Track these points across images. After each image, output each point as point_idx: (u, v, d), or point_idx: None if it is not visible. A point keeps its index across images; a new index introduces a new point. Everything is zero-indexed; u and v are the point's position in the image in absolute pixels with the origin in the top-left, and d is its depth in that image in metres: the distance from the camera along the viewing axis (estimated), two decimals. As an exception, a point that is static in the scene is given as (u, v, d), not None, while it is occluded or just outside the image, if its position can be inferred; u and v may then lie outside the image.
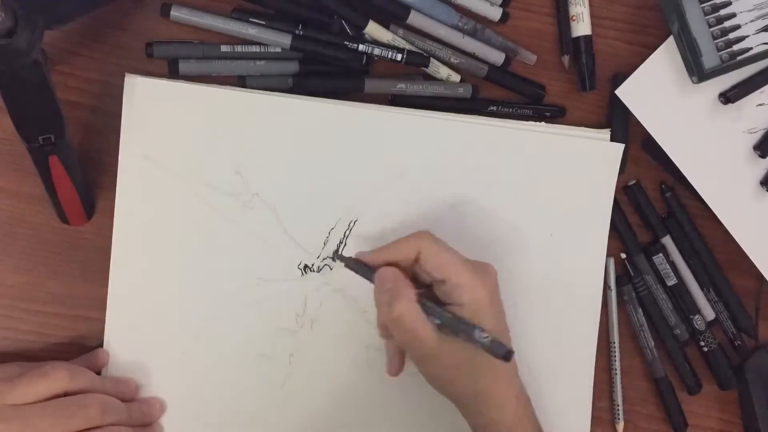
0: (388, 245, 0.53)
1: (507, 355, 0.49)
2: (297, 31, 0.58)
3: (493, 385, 0.52)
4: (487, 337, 0.49)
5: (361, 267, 0.54)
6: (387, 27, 0.59)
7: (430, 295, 0.53)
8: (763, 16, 0.59)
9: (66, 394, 0.52)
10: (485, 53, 0.61)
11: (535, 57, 0.62)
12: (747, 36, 0.59)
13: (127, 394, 0.56)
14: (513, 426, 0.52)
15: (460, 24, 0.60)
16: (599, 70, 0.62)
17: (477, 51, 0.61)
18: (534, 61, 0.62)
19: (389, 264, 0.53)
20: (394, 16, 0.59)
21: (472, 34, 0.61)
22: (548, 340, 0.61)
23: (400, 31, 0.60)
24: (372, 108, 0.59)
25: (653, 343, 0.64)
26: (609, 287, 0.63)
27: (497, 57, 0.61)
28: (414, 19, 0.59)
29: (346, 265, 0.55)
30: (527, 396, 0.55)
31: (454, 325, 0.50)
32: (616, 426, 0.64)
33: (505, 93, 0.62)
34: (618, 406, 0.63)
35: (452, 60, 0.61)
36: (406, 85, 0.60)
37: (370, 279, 0.53)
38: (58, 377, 0.52)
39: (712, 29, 0.59)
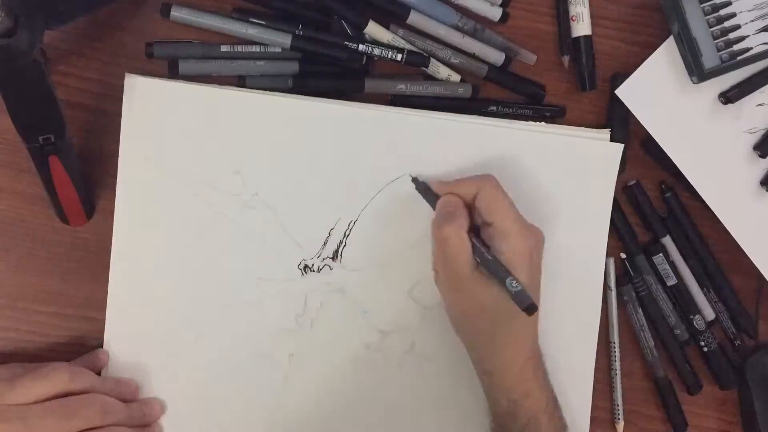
0: (454, 180, 0.57)
1: (530, 307, 0.50)
2: (297, 31, 0.58)
3: (506, 336, 0.54)
4: (517, 285, 0.51)
5: (428, 191, 0.57)
6: (387, 27, 0.59)
7: (478, 236, 0.55)
8: (763, 16, 0.59)
9: (67, 395, 0.52)
10: (485, 53, 0.61)
11: (535, 57, 0.62)
12: (747, 36, 0.59)
13: (128, 395, 0.56)
14: (513, 385, 0.54)
15: (459, 24, 0.60)
16: (599, 70, 0.62)
17: (477, 51, 0.61)
18: (534, 61, 0.62)
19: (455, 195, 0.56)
20: (395, 16, 0.59)
21: (472, 34, 0.61)
22: (548, 339, 0.61)
23: (400, 31, 0.60)
24: (372, 108, 0.59)
25: (653, 343, 0.64)
26: (609, 288, 0.63)
27: (497, 57, 0.61)
28: (414, 19, 0.59)
29: (417, 188, 0.58)
30: (541, 363, 0.56)
31: (490, 265, 0.52)
32: (616, 426, 0.64)
33: (505, 93, 0.62)
34: (618, 406, 0.63)
35: (452, 60, 0.61)
36: (406, 85, 0.60)
37: (432, 205, 0.56)
38: (58, 378, 0.52)
39: (712, 29, 0.59)
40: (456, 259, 0.53)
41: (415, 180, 0.59)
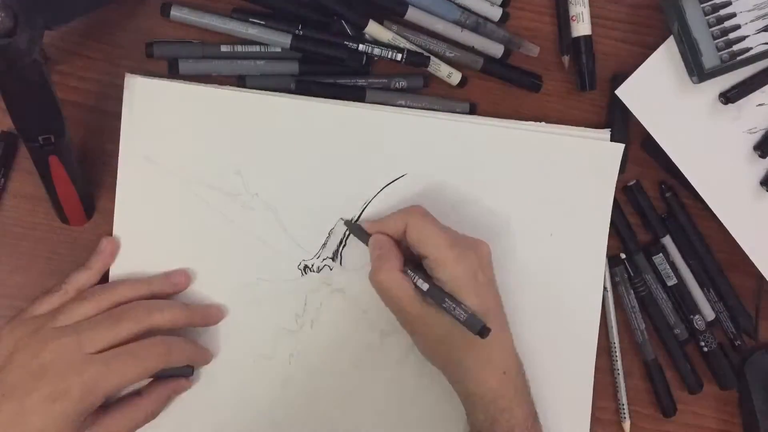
0: (383, 217, 0.56)
1: (482, 331, 0.49)
2: (297, 31, 0.58)
3: (470, 358, 0.53)
4: (464, 312, 0.50)
5: (361, 232, 0.57)
6: (382, 22, 0.59)
7: (421, 266, 0.54)
8: (763, 16, 0.59)
9: None
10: (484, 46, 0.61)
11: (537, 48, 0.61)
12: (747, 36, 0.59)
13: (181, 284, 0.57)
14: (492, 400, 0.53)
15: (461, 19, 0.60)
16: (599, 70, 0.62)
17: (476, 44, 0.61)
18: (536, 53, 0.61)
19: (384, 234, 0.55)
20: (392, 12, 0.59)
21: (474, 28, 0.60)
22: (548, 339, 0.61)
23: (395, 27, 0.60)
24: (372, 108, 0.59)
25: (644, 325, 0.64)
26: (605, 288, 0.63)
27: (496, 50, 0.61)
28: (411, 14, 0.59)
29: (350, 230, 0.58)
30: (521, 374, 0.55)
31: (435, 296, 0.52)
32: (623, 425, 0.64)
33: (501, 85, 0.62)
34: (623, 405, 0.63)
35: (447, 54, 0.60)
36: (405, 101, 0.60)
37: (365, 242, 0.56)
38: (96, 296, 0.53)
39: (712, 29, 0.59)
40: (399, 301, 0.53)
41: (347, 222, 0.59)
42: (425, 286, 0.52)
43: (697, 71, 0.59)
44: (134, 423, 0.54)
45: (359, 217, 0.59)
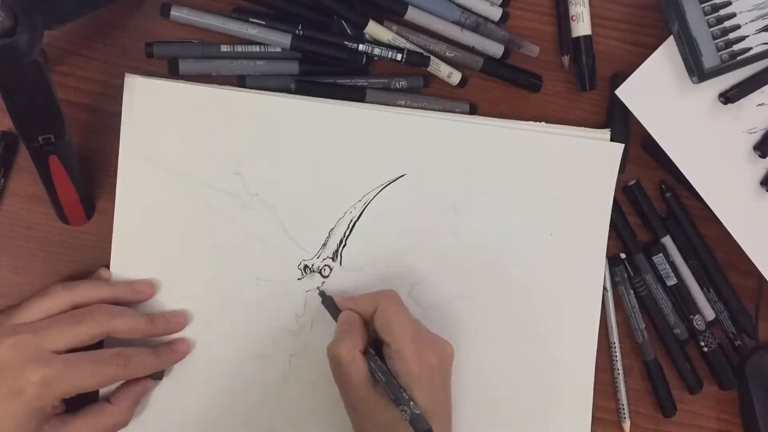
0: (356, 296, 0.56)
1: None
2: (297, 31, 0.58)
3: None
4: (413, 410, 0.49)
5: (332, 306, 0.57)
6: (381, 23, 0.59)
7: (381, 354, 0.54)
8: (763, 16, 0.59)
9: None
10: (484, 46, 0.61)
11: (538, 48, 0.61)
12: (747, 36, 0.59)
13: (144, 294, 0.57)
14: None
15: (461, 19, 0.60)
16: (599, 70, 0.62)
17: (476, 44, 0.61)
18: (536, 53, 0.61)
19: (354, 311, 0.55)
20: (393, 12, 0.59)
21: (474, 28, 0.60)
22: (548, 339, 0.61)
23: (394, 27, 0.60)
24: (372, 108, 0.59)
25: (644, 325, 0.64)
26: (605, 288, 0.63)
27: (496, 50, 0.61)
28: (411, 15, 0.59)
29: (323, 301, 0.58)
30: None
31: (387, 386, 0.51)
32: (623, 425, 0.64)
33: (501, 85, 0.62)
34: (623, 405, 0.63)
35: (447, 54, 0.60)
36: (405, 101, 0.60)
37: (334, 317, 0.56)
38: (56, 292, 0.53)
39: (712, 29, 0.59)
40: (348, 378, 0.52)
41: (321, 293, 0.59)
42: (384, 376, 0.51)
43: (697, 71, 0.59)
44: (104, 429, 0.54)
45: (359, 217, 0.59)
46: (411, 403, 0.50)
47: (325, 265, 0.59)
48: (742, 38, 0.59)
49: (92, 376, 0.51)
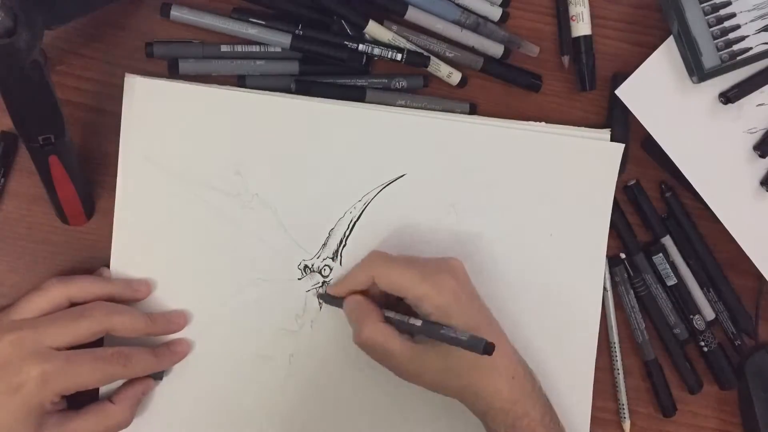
0: (345, 275, 0.57)
1: (487, 348, 0.48)
2: (297, 31, 0.58)
3: (478, 377, 0.52)
4: (463, 335, 0.49)
5: (332, 299, 0.57)
6: (382, 22, 0.59)
7: (402, 306, 0.54)
8: (763, 16, 0.59)
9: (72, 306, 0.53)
10: (484, 46, 0.61)
11: (537, 48, 0.61)
12: (747, 36, 0.59)
13: (141, 293, 0.57)
14: (510, 408, 0.52)
15: (461, 19, 0.60)
16: (599, 70, 0.62)
17: (476, 44, 0.61)
18: (536, 53, 0.61)
19: (353, 293, 0.55)
20: (393, 12, 0.59)
21: (474, 28, 0.60)
22: (548, 339, 0.61)
23: (395, 27, 0.60)
24: (372, 108, 0.59)
25: (644, 325, 0.64)
26: (605, 288, 0.63)
27: (496, 50, 0.61)
28: (411, 15, 0.59)
29: (325, 302, 0.58)
30: (528, 373, 0.54)
31: (427, 331, 0.51)
32: (623, 425, 0.64)
33: (501, 85, 0.62)
34: (623, 405, 0.64)
35: (447, 54, 0.60)
36: (405, 101, 0.60)
37: (340, 306, 0.56)
38: (52, 287, 0.53)
39: (712, 29, 0.59)
40: (390, 351, 0.52)
41: (319, 296, 0.59)
42: (418, 322, 0.51)
43: (697, 71, 0.59)
44: (104, 428, 0.54)
45: (359, 217, 0.59)
46: (458, 330, 0.49)
47: (325, 265, 0.59)
48: (742, 38, 0.59)
49: (92, 374, 0.51)
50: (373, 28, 0.59)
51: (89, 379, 0.51)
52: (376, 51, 0.59)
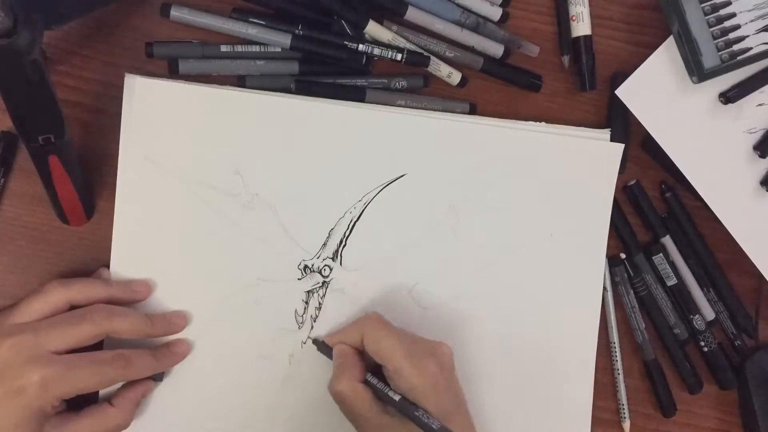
0: (341, 329, 0.57)
1: None
2: (297, 31, 0.58)
3: None
4: (434, 423, 0.49)
5: (324, 347, 0.57)
6: (381, 23, 0.59)
7: (383, 375, 0.54)
8: (763, 16, 0.59)
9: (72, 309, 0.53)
10: (484, 46, 0.61)
11: (537, 48, 0.61)
12: (747, 36, 0.59)
13: (141, 293, 0.57)
14: None
15: (461, 19, 0.60)
16: (599, 70, 0.63)
17: (476, 44, 0.61)
18: (537, 53, 0.61)
19: (345, 344, 0.56)
20: (393, 12, 0.59)
21: (474, 28, 0.60)
22: (548, 339, 0.61)
23: (394, 27, 0.60)
24: (372, 108, 0.59)
25: (644, 325, 0.64)
26: (605, 288, 0.63)
27: (496, 50, 0.61)
28: (411, 15, 0.59)
29: (318, 348, 0.58)
30: None
31: (401, 408, 0.51)
32: (623, 425, 0.64)
33: (501, 85, 0.62)
34: (623, 405, 0.64)
35: (447, 54, 0.60)
36: (405, 101, 0.60)
37: (330, 358, 0.56)
38: (52, 289, 0.53)
39: (712, 29, 0.59)
40: (357, 411, 0.52)
41: (314, 341, 0.59)
42: (396, 397, 0.51)
43: (697, 71, 0.59)
44: (104, 430, 0.54)
45: (359, 217, 0.59)
46: (429, 416, 0.50)
47: (325, 265, 0.59)
48: (742, 38, 0.59)
49: (92, 377, 0.51)
50: (373, 28, 0.59)
51: (90, 383, 0.51)
52: (376, 51, 0.59)
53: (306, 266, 0.59)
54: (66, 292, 0.53)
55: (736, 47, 0.59)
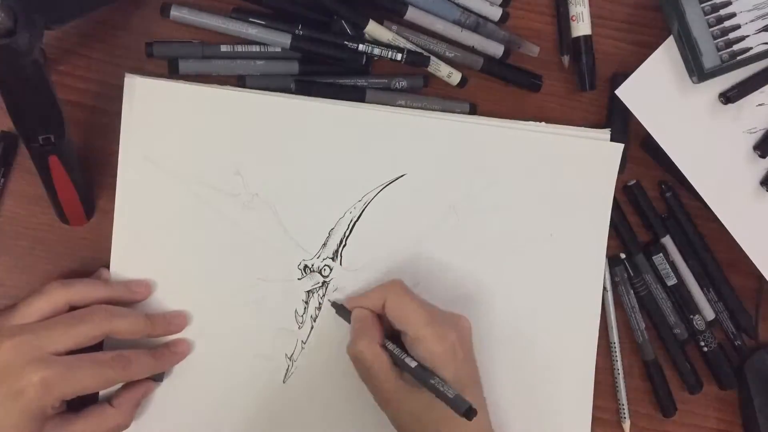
0: (363, 293, 0.57)
1: (468, 413, 0.48)
2: (297, 31, 0.58)
3: None
4: (450, 392, 0.49)
5: (343, 310, 0.58)
6: (381, 23, 0.59)
7: (400, 342, 0.54)
8: (763, 16, 0.59)
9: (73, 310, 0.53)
10: (484, 46, 0.61)
11: (538, 48, 0.61)
12: (747, 36, 0.59)
13: (141, 294, 0.57)
14: None
15: (461, 19, 0.60)
16: (599, 70, 0.63)
17: (476, 44, 0.61)
18: (537, 53, 0.61)
19: (364, 308, 0.56)
20: (393, 12, 0.59)
21: (474, 28, 0.60)
22: (548, 339, 0.61)
23: (394, 27, 0.60)
24: (372, 108, 0.59)
25: (644, 325, 0.64)
26: (605, 288, 0.63)
27: (496, 50, 0.61)
28: (411, 15, 0.59)
29: (336, 311, 0.58)
30: None
31: (418, 375, 0.51)
32: (623, 425, 0.64)
33: (501, 85, 0.62)
34: (623, 405, 0.64)
35: (447, 54, 0.60)
36: (405, 101, 0.60)
37: (348, 321, 0.56)
38: (53, 290, 0.53)
39: (712, 29, 0.59)
40: (374, 374, 0.53)
41: (333, 303, 0.59)
42: (413, 363, 0.52)
43: (697, 71, 0.59)
44: (105, 431, 0.54)
45: (359, 217, 0.59)
46: (445, 384, 0.50)
47: (325, 265, 0.59)
48: (742, 38, 0.59)
49: (92, 378, 0.51)
50: (373, 28, 0.59)
51: (90, 384, 0.51)
52: (376, 51, 0.59)
53: (306, 266, 0.59)
54: (66, 292, 0.53)
55: (736, 47, 0.59)
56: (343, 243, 0.59)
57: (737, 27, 0.59)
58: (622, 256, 0.64)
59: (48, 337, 0.50)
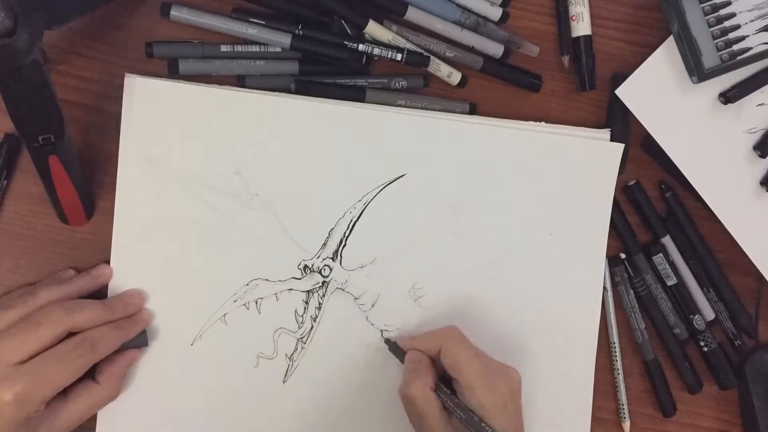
0: (419, 335, 0.58)
1: None
2: (297, 31, 0.58)
3: None
4: None
5: (397, 349, 0.58)
6: (381, 23, 0.59)
7: (451, 386, 0.55)
8: (763, 16, 0.59)
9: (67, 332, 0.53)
10: (484, 46, 0.61)
11: (537, 48, 0.61)
12: (747, 36, 0.59)
13: (134, 305, 0.57)
14: None
15: (461, 19, 0.60)
16: (599, 70, 0.62)
17: (476, 44, 0.61)
18: (536, 53, 0.61)
19: (419, 351, 0.57)
20: (393, 12, 0.59)
21: (474, 28, 0.60)
22: (548, 339, 0.61)
23: (394, 27, 0.60)
24: (372, 108, 0.59)
25: (644, 325, 0.64)
26: (605, 288, 0.63)
27: (496, 50, 0.61)
28: (411, 15, 0.59)
29: (389, 348, 0.59)
30: None
31: (470, 422, 0.52)
32: (623, 425, 0.64)
33: (501, 85, 0.62)
34: (623, 405, 0.64)
35: (447, 54, 0.60)
36: (405, 101, 0.60)
37: (401, 360, 0.57)
38: (17, 303, 0.52)
39: (712, 29, 0.59)
40: (425, 417, 0.53)
41: (387, 341, 0.59)
42: (464, 411, 0.52)
43: (697, 71, 0.59)
44: (93, 407, 0.54)
45: (359, 217, 0.59)
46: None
47: (325, 265, 0.59)
48: (742, 38, 0.59)
49: (64, 373, 0.51)
50: (373, 28, 0.59)
51: (63, 379, 0.51)
52: (376, 51, 0.59)
53: (306, 266, 0.59)
54: (35, 302, 0.53)
55: (736, 47, 0.59)
56: (343, 243, 0.59)
57: (737, 27, 0.59)
58: (622, 256, 0.64)
59: (11, 348, 0.49)
